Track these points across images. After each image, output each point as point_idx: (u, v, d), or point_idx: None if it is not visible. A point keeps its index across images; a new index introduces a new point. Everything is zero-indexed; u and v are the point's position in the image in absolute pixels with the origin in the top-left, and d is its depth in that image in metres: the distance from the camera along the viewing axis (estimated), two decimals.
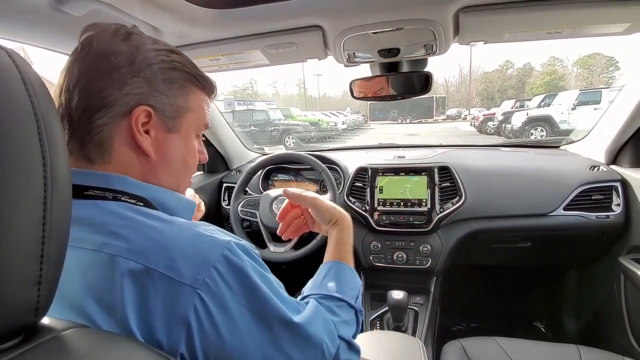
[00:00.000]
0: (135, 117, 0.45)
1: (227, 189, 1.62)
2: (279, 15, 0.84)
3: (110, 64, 0.44)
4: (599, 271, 1.41)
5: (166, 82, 0.47)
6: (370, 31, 0.89)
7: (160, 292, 0.37)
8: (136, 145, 0.46)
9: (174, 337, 0.36)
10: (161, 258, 0.38)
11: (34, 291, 0.28)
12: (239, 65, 1.13)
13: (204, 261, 0.39)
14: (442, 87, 35.13)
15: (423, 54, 1.05)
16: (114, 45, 0.45)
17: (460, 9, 0.82)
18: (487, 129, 12.80)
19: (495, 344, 0.99)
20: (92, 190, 0.43)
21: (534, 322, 1.72)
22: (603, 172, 1.26)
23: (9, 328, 0.28)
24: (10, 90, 0.28)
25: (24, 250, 0.27)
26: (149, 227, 0.40)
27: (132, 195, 0.45)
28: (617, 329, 1.26)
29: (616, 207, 1.21)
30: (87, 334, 0.32)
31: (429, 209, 1.32)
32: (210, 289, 0.38)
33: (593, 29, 0.90)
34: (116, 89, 0.44)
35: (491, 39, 0.98)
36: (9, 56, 0.28)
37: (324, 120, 14.96)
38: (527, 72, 30.88)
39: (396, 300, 1.15)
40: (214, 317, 0.38)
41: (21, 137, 0.27)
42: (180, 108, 0.50)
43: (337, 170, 1.50)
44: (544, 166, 1.37)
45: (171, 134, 0.49)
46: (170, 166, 0.50)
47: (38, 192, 0.28)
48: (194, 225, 0.43)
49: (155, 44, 0.48)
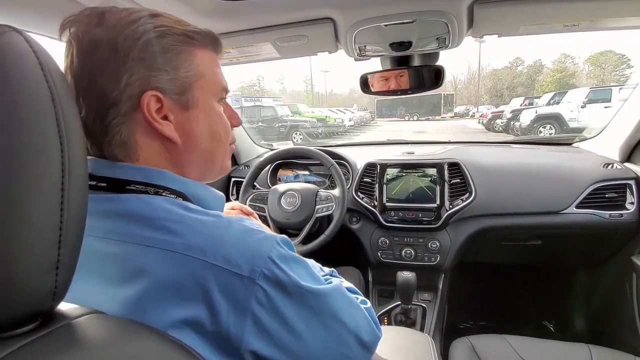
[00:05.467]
0: (145, 106, 0.41)
1: (236, 184, 1.62)
2: (290, 7, 0.84)
3: (97, 58, 0.40)
4: (610, 270, 1.39)
5: (160, 55, 0.42)
6: (383, 23, 0.88)
7: (223, 286, 0.37)
8: (159, 135, 0.44)
9: (239, 326, 0.37)
10: (218, 252, 0.38)
11: (52, 277, 0.29)
12: (249, 58, 1.12)
13: (259, 254, 0.39)
14: (450, 84, 34.90)
15: (435, 47, 1.03)
16: (92, 35, 0.40)
17: (475, 1, 0.80)
18: (495, 126, 12.76)
19: (504, 342, 0.98)
20: (134, 184, 0.42)
21: (543, 321, 1.70)
22: (617, 169, 1.24)
23: (27, 313, 0.28)
24: (30, 77, 0.28)
25: (42, 236, 0.28)
26: (199, 222, 0.40)
27: (171, 190, 0.44)
28: (629, 328, 1.25)
29: (630, 206, 1.19)
30: (102, 320, 0.32)
31: (438, 206, 1.30)
32: (269, 279, 0.39)
33: (612, 22, 0.88)
34: (114, 83, 0.40)
35: (505, 32, 0.96)
36: (27, 42, 0.28)
37: (331, 116, 14.98)
38: (538, 69, 30.48)
39: (404, 278, 1.16)
40: (275, 303, 0.39)
41: (40, 123, 0.28)
42: (187, 78, 0.44)
43: (346, 165, 1.49)
44: (556, 163, 1.35)
45: (189, 110, 0.45)
46: (199, 145, 0.47)
47: (56, 178, 0.28)
48: (239, 220, 0.43)
49: (131, 15, 0.42)
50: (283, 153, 1.43)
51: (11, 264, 0.26)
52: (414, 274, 1.18)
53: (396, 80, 1.16)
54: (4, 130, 0.26)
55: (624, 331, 1.28)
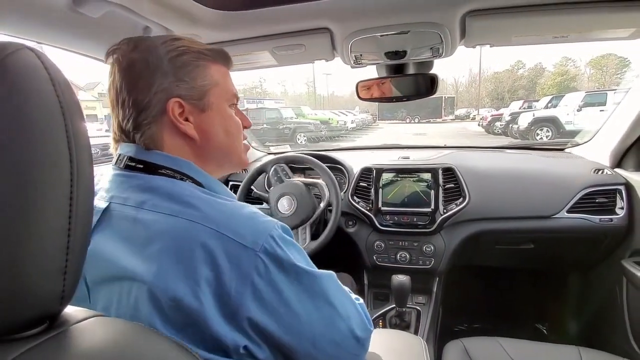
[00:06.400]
0: (170, 110, 0.51)
1: (233, 187, 1.64)
2: (288, 17, 0.86)
3: (134, 74, 0.50)
4: (601, 274, 1.41)
5: (181, 69, 0.52)
6: (378, 34, 0.91)
7: (230, 253, 0.43)
8: (182, 133, 0.53)
9: (240, 291, 0.42)
10: (229, 225, 0.44)
11: (60, 280, 0.30)
12: (247, 65, 1.15)
13: (264, 229, 0.45)
14: (452, 87, 34.57)
15: (429, 56, 1.06)
16: (130, 57, 0.51)
17: (467, 13, 0.83)
18: (494, 129, 12.76)
19: (496, 344, 1.00)
20: (165, 169, 0.51)
21: (536, 323, 1.73)
22: (607, 175, 1.26)
23: (35, 316, 0.29)
24: (41, 91, 0.29)
25: (52, 242, 0.29)
26: (216, 202, 0.48)
27: (193, 180, 0.52)
28: (619, 331, 1.27)
29: (620, 211, 1.22)
30: (108, 323, 0.34)
31: (433, 210, 1.33)
32: (269, 253, 0.44)
33: (599, 33, 0.91)
34: (146, 93, 0.50)
35: (497, 43, 0.98)
36: (38, 58, 0.30)
37: (334, 119, 15.11)
38: (539, 72, 30.22)
39: (399, 282, 1.18)
40: (272, 276, 0.44)
41: (51, 136, 0.29)
42: (203, 87, 0.53)
43: (342, 170, 1.51)
44: (549, 168, 1.38)
45: (205, 113, 0.54)
46: (215, 141, 0.56)
47: (66, 187, 0.30)
48: (249, 206, 0.50)
49: (160, 39, 0.53)
50: (281, 159, 1.44)
51: (22, 268, 0.28)
52: (408, 277, 1.20)
53: (391, 87, 1.18)
54: (17, 142, 0.27)
55: (614, 334, 1.30)
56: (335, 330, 0.49)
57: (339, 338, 0.49)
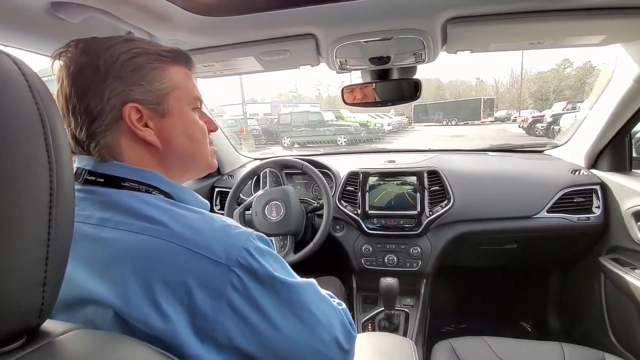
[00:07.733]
0: (127, 116, 0.48)
1: (220, 194, 1.62)
2: (273, 23, 0.86)
3: (83, 80, 0.47)
4: (581, 271, 1.46)
5: (135, 72, 0.48)
6: (362, 40, 0.92)
7: (201, 271, 0.41)
8: (141, 140, 0.50)
9: (215, 309, 0.41)
10: (199, 241, 0.42)
11: (39, 294, 0.29)
12: (232, 71, 1.14)
13: (237, 242, 0.44)
14: (491, 88, 32.62)
15: (412, 62, 1.08)
16: (78, 62, 0.48)
17: (448, 20, 0.85)
18: (535, 131, 12.24)
19: (483, 343, 1.02)
20: (128, 182, 0.48)
21: (520, 321, 1.77)
22: (583, 175, 1.31)
23: (13, 330, 0.28)
24: (19, 97, 0.28)
25: (30, 253, 0.28)
26: (184, 216, 0.45)
27: (161, 190, 0.49)
28: (598, 326, 1.31)
29: (596, 209, 1.27)
30: (89, 336, 0.33)
31: (419, 212, 1.35)
32: (243, 267, 0.42)
33: (572, 40, 0.95)
34: (98, 99, 0.47)
35: (477, 49, 1.01)
36: (15, 64, 0.29)
37: (372, 121, 15.19)
38: (588, 71, 26.66)
39: (387, 284, 1.20)
40: (249, 290, 0.42)
41: (29, 144, 0.28)
42: (160, 90, 0.50)
43: (329, 174, 1.52)
44: (529, 170, 1.42)
45: (165, 118, 0.51)
46: (179, 148, 0.53)
47: (44, 197, 0.29)
48: (220, 218, 0.48)
49: (112, 40, 0.49)
50: (270, 164, 1.43)
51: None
52: (396, 280, 1.21)
53: (376, 92, 1.20)
54: None
55: (594, 329, 1.35)
56: (318, 340, 0.47)
57: (322, 347, 0.48)
